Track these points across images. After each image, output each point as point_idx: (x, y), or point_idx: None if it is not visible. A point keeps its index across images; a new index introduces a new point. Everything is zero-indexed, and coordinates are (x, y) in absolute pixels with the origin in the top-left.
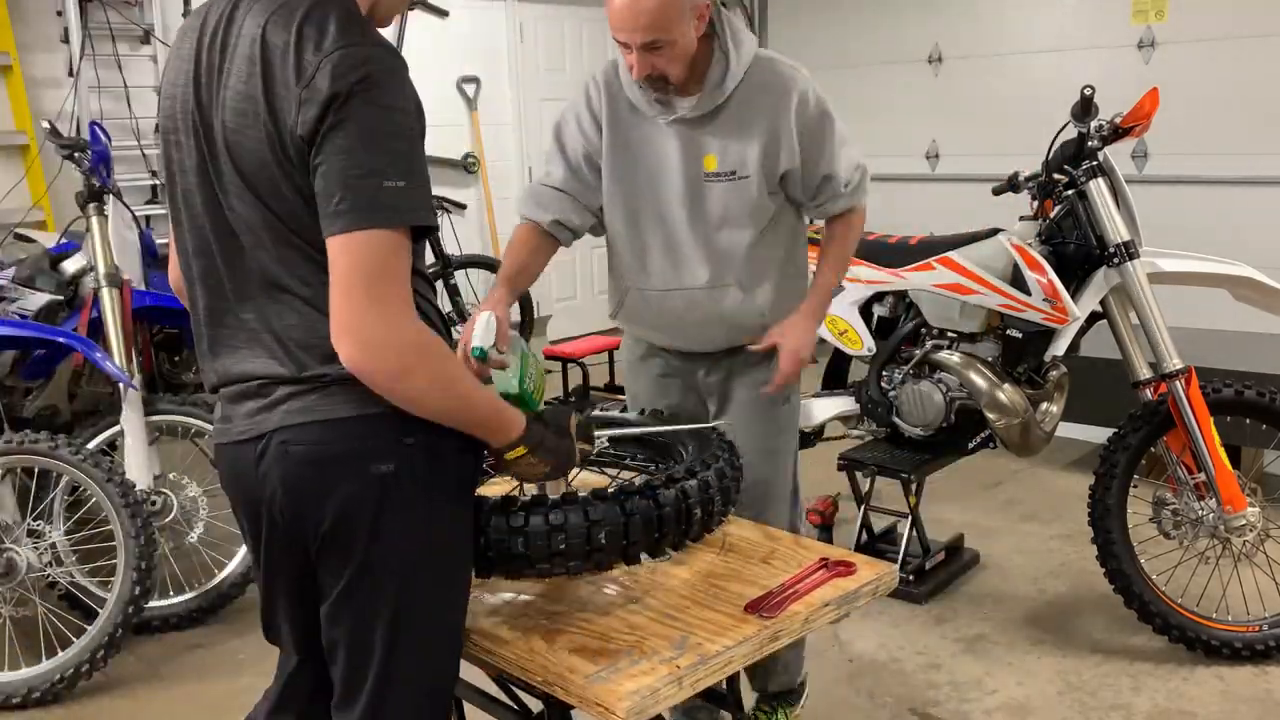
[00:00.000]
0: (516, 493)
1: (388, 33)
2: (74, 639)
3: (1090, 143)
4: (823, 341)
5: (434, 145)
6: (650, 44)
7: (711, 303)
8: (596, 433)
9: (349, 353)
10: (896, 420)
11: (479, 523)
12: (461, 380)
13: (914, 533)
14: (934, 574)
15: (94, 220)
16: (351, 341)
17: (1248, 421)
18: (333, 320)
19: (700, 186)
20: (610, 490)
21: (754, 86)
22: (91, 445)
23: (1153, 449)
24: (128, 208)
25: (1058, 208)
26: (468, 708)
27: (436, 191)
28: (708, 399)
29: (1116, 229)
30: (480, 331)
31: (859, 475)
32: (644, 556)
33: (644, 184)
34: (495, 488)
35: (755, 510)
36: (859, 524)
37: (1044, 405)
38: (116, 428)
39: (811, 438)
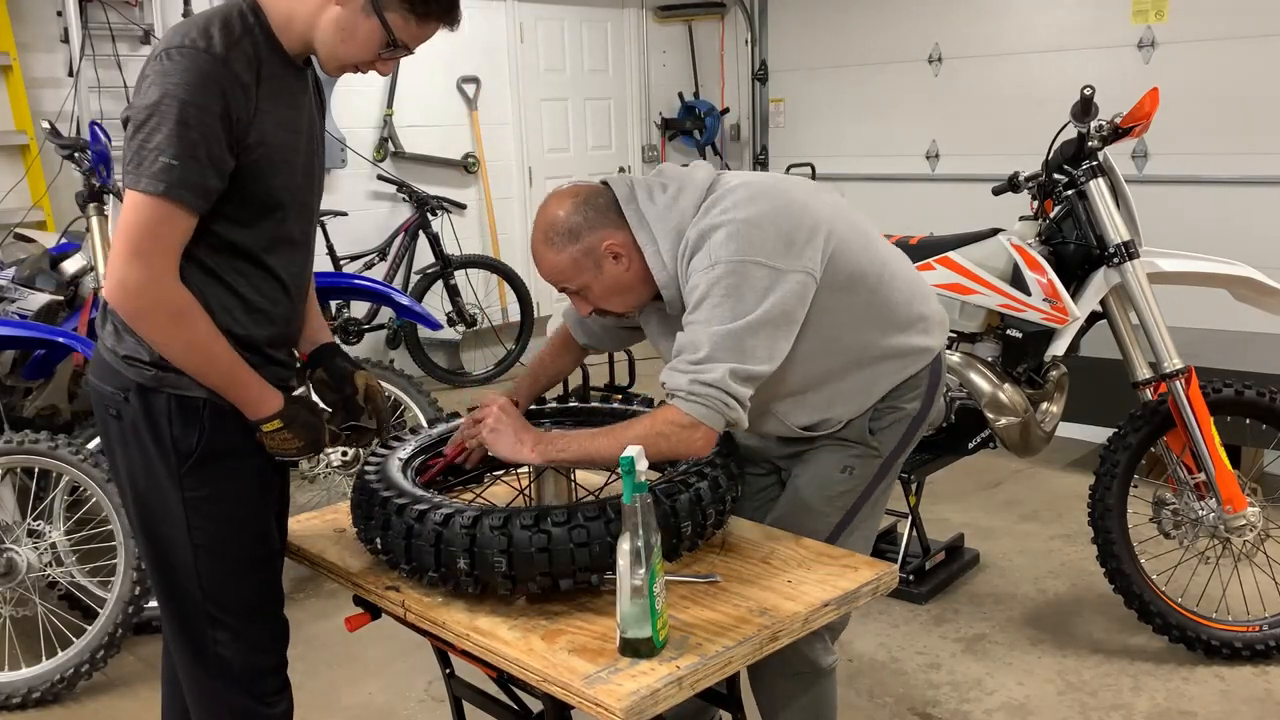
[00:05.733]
0: (522, 501)
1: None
2: (74, 639)
3: (1090, 143)
4: None
5: (434, 145)
6: (566, 290)
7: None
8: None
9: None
10: None
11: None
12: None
13: (914, 533)
14: (934, 574)
15: (94, 220)
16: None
17: (1248, 421)
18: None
19: None
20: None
21: None
22: (91, 445)
23: (1153, 449)
24: None
25: (1058, 208)
26: (468, 708)
27: (436, 191)
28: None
29: (1116, 229)
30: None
31: None
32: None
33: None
34: (496, 493)
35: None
36: None
37: (1044, 405)
38: None
39: None
